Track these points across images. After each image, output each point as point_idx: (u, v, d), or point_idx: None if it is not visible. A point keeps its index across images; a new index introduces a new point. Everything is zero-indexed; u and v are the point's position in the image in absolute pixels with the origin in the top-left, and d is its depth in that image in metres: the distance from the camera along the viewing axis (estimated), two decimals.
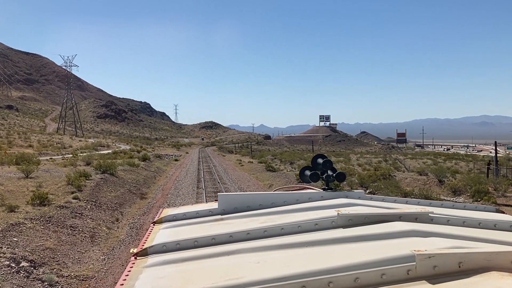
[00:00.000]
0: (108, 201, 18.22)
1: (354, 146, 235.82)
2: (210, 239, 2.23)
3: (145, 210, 18.33)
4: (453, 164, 53.99)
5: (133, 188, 23.75)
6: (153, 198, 22.00)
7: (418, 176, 33.13)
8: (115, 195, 19.90)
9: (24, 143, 68.30)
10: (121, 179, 24.72)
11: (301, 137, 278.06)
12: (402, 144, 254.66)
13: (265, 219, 2.53)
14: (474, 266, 1.66)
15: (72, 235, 12.22)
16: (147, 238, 2.46)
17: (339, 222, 2.32)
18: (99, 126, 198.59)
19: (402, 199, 3.02)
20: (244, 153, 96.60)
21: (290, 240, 2.13)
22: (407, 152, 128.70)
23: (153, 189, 25.64)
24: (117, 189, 21.51)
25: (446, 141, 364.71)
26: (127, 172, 28.49)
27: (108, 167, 24.38)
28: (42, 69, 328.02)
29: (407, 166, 52.41)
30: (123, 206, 18.59)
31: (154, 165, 40.14)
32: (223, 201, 2.91)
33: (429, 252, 1.66)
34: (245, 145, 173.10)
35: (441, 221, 2.36)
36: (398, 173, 34.56)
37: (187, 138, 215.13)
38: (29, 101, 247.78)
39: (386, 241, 1.99)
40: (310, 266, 1.70)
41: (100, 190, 19.66)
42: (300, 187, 3.89)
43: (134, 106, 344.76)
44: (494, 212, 2.82)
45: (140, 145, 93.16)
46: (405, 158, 76.74)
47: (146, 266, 1.98)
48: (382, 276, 1.64)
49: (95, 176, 22.61)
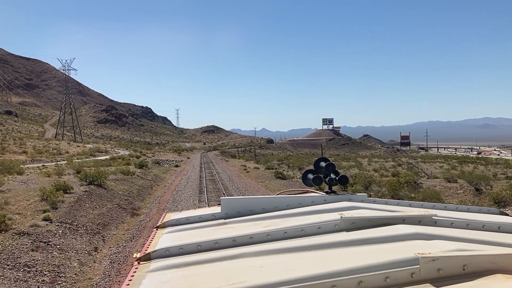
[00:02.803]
0: (88, 221, 14.70)
1: (358, 149, 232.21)
2: (213, 243, 2.22)
3: (134, 233, 14.81)
4: (472, 169, 50.43)
5: (124, 202, 20.22)
6: (146, 215, 18.49)
7: (446, 183, 29.57)
8: (99, 212, 16.37)
9: (18, 149, 65.40)
10: (110, 191, 21.19)
11: (305, 141, 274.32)
12: (406, 147, 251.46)
13: (268, 223, 2.51)
14: (479, 269, 1.65)
15: (23, 281, 8.68)
16: (150, 242, 2.43)
17: (343, 225, 2.30)
18: (99, 131, 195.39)
19: (405, 202, 2.96)
20: (247, 158, 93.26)
21: (293, 243, 2.12)
22: (416, 156, 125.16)
23: (148, 202, 22.10)
24: (104, 204, 17.99)
25: (450, 143, 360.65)
26: (119, 182, 24.95)
27: (95, 177, 20.87)
28: (43, 74, 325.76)
29: (426, 170, 48.73)
30: (107, 227, 15.07)
31: (151, 172, 36.58)
32: (226, 205, 2.86)
33: (433, 255, 1.65)
34: (248, 149, 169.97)
35: (445, 224, 2.33)
36: (422, 180, 30.97)
37: (189, 142, 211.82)
38: (29, 106, 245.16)
39: (390, 244, 1.97)
40: (313, 269, 1.70)
41: (81, 206, 16.14)
42: (303, 191, 3.66)
43: (135, 110, 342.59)
44: (498, 214, 2.77)
45: (140, 150, 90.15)
46: (418, 162, 73.17)
47: (149, 271, 1.97)
48: (386, 280, 1.63)
49: (78, 188, 19.11)
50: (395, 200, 3.03)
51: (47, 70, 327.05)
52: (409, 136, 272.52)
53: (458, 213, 2.70)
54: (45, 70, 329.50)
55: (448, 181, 29.99)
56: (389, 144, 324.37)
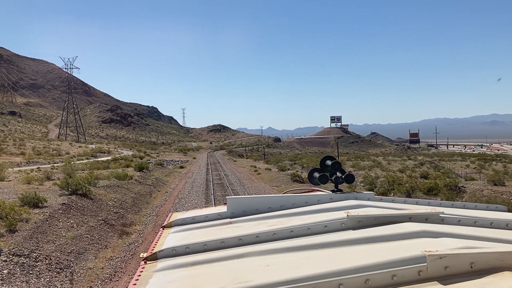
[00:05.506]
0: (56, 249, 10.85)
1: (367, 147, 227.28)
2: (219, 242, 2.21)
3: (117, 265, 10.95)
4: (503, 168, 46.12)
5: (113, 216, 16.36)
6: (139, 233, 14.63)
7: (492, 186, 25.44)
8: (76, 234, 12.52)
9: (17, 151, 62.32)
10: (97, 202, 17.34)
11: (313, 139, 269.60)
12: (415, 144, 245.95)
13: (274, 222, 2.49)
14: (486, 266, 1.64)
15: None
16: (157, 242, 2.41)
17: (349, 223, 2.28)
18: (104, 131, 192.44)
19: (412, 200, 2.89)
20: (256, 157, 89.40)
21: (299, 242, 2.10)
22: (428, 153, 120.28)
23: (143, 215, 18.24)
24: (85, 221, 14.15)
25: (458, 140, 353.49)
26: (112, 189, 21.11)
27: (78, 185, 17.03)
28: (48, 74, 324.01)
29: (453, 170, 44.44)
30: (82, 257, 11.20)
31: (152, 175, 32.74)
32: (232, 204, 2.82)
33: (440, 253, 1.64)
34: (255, 148, 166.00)
35: (452, 222, 2.30)
36: (465, 183, 26.81)
37: (195, 142, 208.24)
38: (34, 107, 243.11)
39: (397, 242, 1.95)
40: (320, 268, 1.69)
41: (51, 227, 12.30)
42: (309, 189, 3.61)
43: (141, 110, 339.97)
44: (506, 211, 2.71)
45: (144, 151, 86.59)
46: (436, 160, 68.73)
47: (155, 271, 1.96)
48: (393, 278, 1.62)
49: (54, 200, 15.30)
50: (402, 198, 2.94)
51: (52, 70, 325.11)
52: (419, 133, 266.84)
53: (465, 211, 2.63)
54: (50, 70, 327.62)
55: (494, 183, 25.86)
56: (397, 141, 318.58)
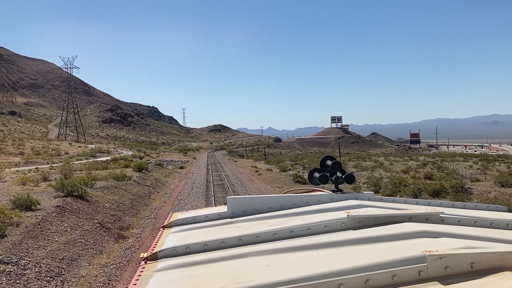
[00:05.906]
0: (48, 255, 10.23)
1: (368, 147, 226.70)
2: (219, 242, 2.21)
3: (112, 271, 10.32)
4: (507, 168, 45.50)
5: (110, 218, 15.74)
6: (136, 237, 14.01)
7: (500, 187, 24.80)
8: (69, 239, 11.90)
9: (15, 151, 61.71)
10: (93, 204, 16.73)
11: (313, 139, 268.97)
12: (416, 145, 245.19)
13: (274, 222, 2.48)
14: (487, 267, 1.64)
15: None
16: (157, 242, 2.41)
17: (349, 223, 2.27)
18: (104, 131, 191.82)
19: (412, 200, 2.88)
20: (256, 158, 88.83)
21: (299, 242, 2.10)
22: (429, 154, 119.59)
23: (141, 217, 17.62)
24: (80, 225, 13.54)
25: (459, 141, 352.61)
26: (109, 190, 20.50)
27: (74, 187, 16.42)
28: (48, 74, 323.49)
29: (457, 171, 43.81)
30: (75, 263, 10.58)
31: (152, 176, 32.12)
32: (232, 204, 2.81)
33: (440, 253, 1.64)
34: (256, 148, 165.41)
35: (452, 222, 2.30)
36: (471, 184, 26.17)
37: (195, 142, 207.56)
38: (34, 107, 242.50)
39: (397, 242, 1.95)
40: (320, 268, 1.69)
41: (43, 232, 11.68)
42: (309, 189, 3.59)
43: (141, 110, 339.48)
44: (506, 211, 2.70)
45: (144, 151, 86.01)
46: (438, 161, 68.07)
47: (156, 271, 1.96)
48: (393, 278, 1.62)
49: (48, 202, 14.68)
50: (402, 198, 2.94)
51: (52, 70, 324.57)
52: (419, 133, 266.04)
53: (465, 211, 2.63)
54: (51, 70, 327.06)
55: (502, 185, 25.22)
56: (397, 142, 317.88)
